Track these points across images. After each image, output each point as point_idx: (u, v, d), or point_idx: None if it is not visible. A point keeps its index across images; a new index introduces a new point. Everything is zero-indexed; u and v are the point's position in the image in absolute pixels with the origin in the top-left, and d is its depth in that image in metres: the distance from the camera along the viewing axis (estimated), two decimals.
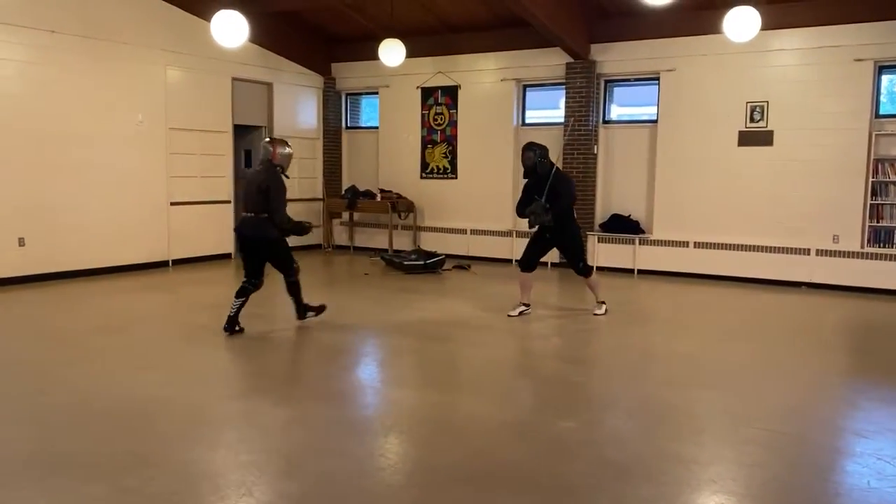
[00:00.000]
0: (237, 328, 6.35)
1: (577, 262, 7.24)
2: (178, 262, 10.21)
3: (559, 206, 6.92)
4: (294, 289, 6.63)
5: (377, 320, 7.19)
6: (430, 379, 5.35)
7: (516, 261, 7.54)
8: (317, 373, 5.37)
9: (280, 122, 11.76)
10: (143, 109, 9.71)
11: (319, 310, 6.87)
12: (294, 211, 11.93)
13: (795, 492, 3.44)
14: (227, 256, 10.96)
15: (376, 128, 12.31)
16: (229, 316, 6.32)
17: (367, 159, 12.47)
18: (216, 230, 10.79)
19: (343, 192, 12.32)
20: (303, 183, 12.30)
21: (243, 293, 6.36)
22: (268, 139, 6.77)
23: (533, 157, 7.05)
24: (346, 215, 12.43)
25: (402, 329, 6.82)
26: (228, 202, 10.96)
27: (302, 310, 6.73)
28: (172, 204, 10.14)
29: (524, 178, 7.28)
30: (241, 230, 6.47)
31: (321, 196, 12.49)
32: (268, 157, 6.46)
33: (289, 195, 12.18)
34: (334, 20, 11.44)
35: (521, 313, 7.23)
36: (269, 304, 8.24)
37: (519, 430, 4.20)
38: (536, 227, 7.07)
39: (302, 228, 6.68)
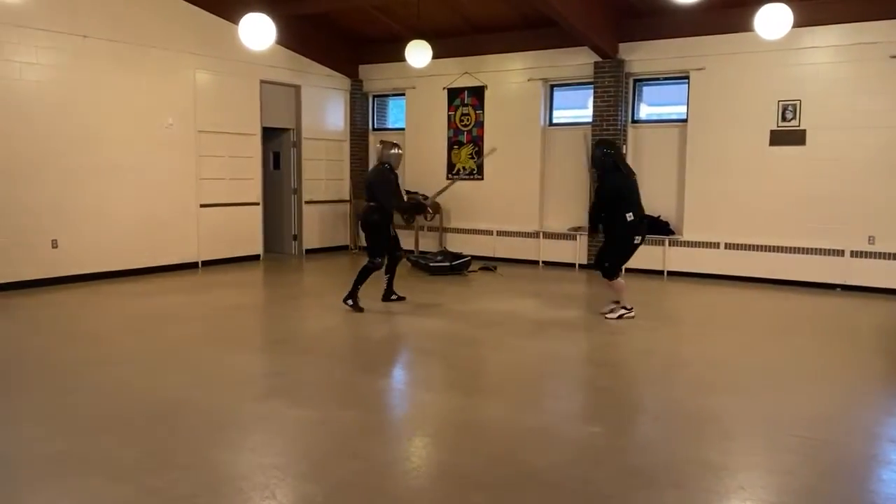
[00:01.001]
0: (394, 297, 7.80)
1: (601, 262, 7.21)
2: (208, 264, 10.32)
3: (595, 204, 7.21)
4: (362, 275, 7.38)
5: (402, 322, 7.18)
6: (454, 382, 5.32)
7: (591, 264, 7.69)
8: (340, 375, 5.37)
9: (308, 124, 11.83)
10: (173, 112, 9.83)
11: (358, 308, 7.34)
12: (321, 212, 12.12)
13: (828, 500, 3.35)
14: (255, 258, 11.04)
15: (403, 129, 12.32)
16: (384, 291, 7.78)
17: None
18: (245, 232, 10.89)
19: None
20: (330, 185, 12.36)
21: (388, 270, 7.68)
22: (380, 141, 7.88)
23: (598, 154, 7.19)
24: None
25: (428, 331, 6.80)
26: (257, 204, 11.05)
27: (352, 297, 7.39)
28: (202, 206, 10.24)
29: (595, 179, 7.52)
30: (358, 214, 8.02)
31: (348, 198, 12.53)
32: (378, 157, 7.63)
33: (315, 196, 12.40)
34: (361, 22, 11.47)
35: (621, 316, 7.13)
36: (293, 306, 8.29)
37: (544, 434, 4.15)
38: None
39: (414, 207, 7.98)
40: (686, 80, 9.81)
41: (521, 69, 10.95)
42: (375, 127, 12.86)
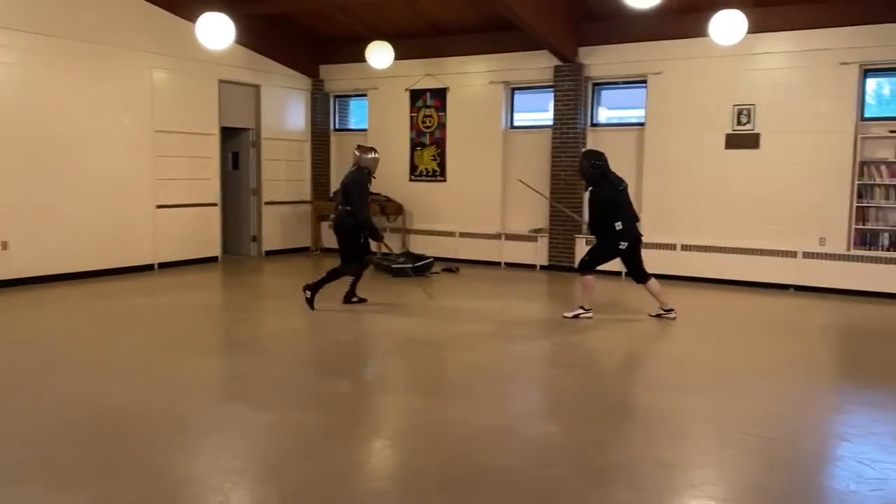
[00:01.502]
0: (355, 299, 7.72)
1: (582, 258, 7.51)
2: (164, 266, 10.16)
3: (591, 215, 7.34)
4: (331, 275, 7.41)
5: (363, 324, 7.17)
6: (415, 383, 5.33)
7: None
8: (300, 378, 5.34)
9: (268, 124, 11.73)
10: (129, 112, 9.66)
11: (311, 305, 7.40)
12: (281, 213, 12.03)
13: (776, 496, 3.44)
14: (213, 260, 10.91)
15: (365, 130, 12.29)
16: (346, 292, 7.69)
17: None
18: (203, 233, 10.75)
19: (331, 195, 12.28)
20: (290, 186, 12.27)
21: (354, 274, 7.62)
22: (358, 146, 7.80)
23: (585, 166, 7.21)
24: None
25: (389, 333, 6.80)
26: (215, 205, 10.91)
27: (312, 290, 7.39)
28: (158, 207, 10.08)
29: (586, 189, 7.68)
30: (333, 219, 7.75)
31: (309, 198, 12.45)
32: (356, 161, 7.56)
33: (275, 197, 12.30)
34: (322, 22, 11.42)
35: (659, 315, 7.35)
36: (253, 308, 8.22)
37: (503, 434, 4.18)
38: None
39: (374, 232, 7.55)
40: (644, 84, 9.96)
41: (483, 72, 11.01)
42: (337, 127, 12.81)
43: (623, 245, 7.14)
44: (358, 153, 7.58)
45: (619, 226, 7.05)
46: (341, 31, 11.57)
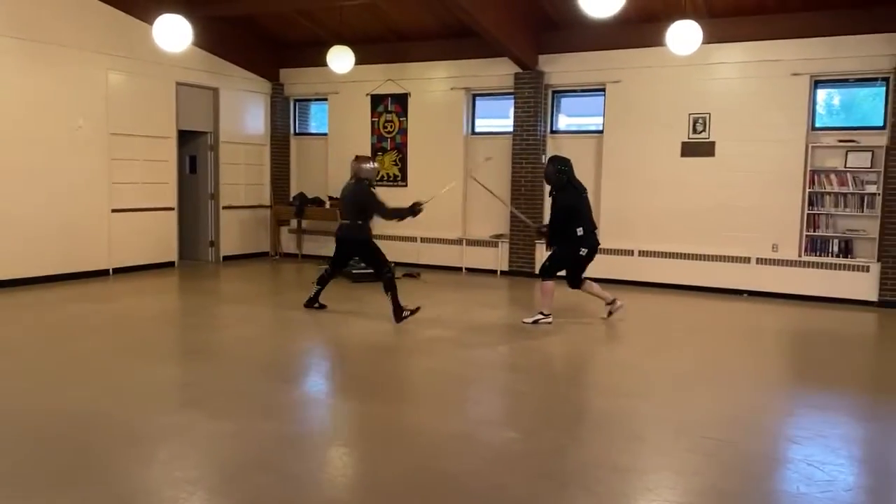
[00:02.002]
0: (317, 305, 7.67)
1: (543, 264, 7.51)
2: (119, 271, 9.95)
3: (552, 221, 7.33)
4: (390, 284, 7.17)
5: (323, 330, 7.12)
6: (374, 390, 5.30)
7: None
8: (258, 385, 5.27)
9: (226, 127, 11.59)
10: (83, 114, 9.45)
11: (415, 311, 7.27)
12: (239, 218, 11.88)
13: (729, 499, 3.50)
14: (170, 265, 10.73)
15: (325, 134, 12.22)
16: (310, 297, 7.67)
17: (316, 166, 12.36)
18: (159, 238, 10.56)
19: (291, 199, 12.19)
20: (250, 190, 12.13)
21: (323, 281, 7.60)
22: (355, 157, 7.61)
23: (551, 170, 7.28)
24: (294, 223, 12.30)
25: (348, 339, 6.76)
26: (172, 209, 10.73)
27: (399, 311, 7.17)
28: (114, 211, 9.88)
29: (550, 194, 7.58)
30: (340, 234, 7.47)
31: (269, 203, 12.33)
32: (355, 172, 7.36)
33: (234, 202, 12.17)
34: (283, 26, 11.34)
35: (610, 314, 7.55)
36: (210, 315, 8.10)
37: (463, 441, 4.18)
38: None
39: (409, 212, 7.38)
40: (602, 93, 10.09)
41: (445, 78, 11.04)
42: (297, 131, 12.71)
43: (583, 251, 7.22)
44: (357, 164, 7.37)
45: (580, 231, 7.14)
46: (302, 36, 11.50)
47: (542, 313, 7.30)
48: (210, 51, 11.03)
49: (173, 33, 7.90)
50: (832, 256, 8.93)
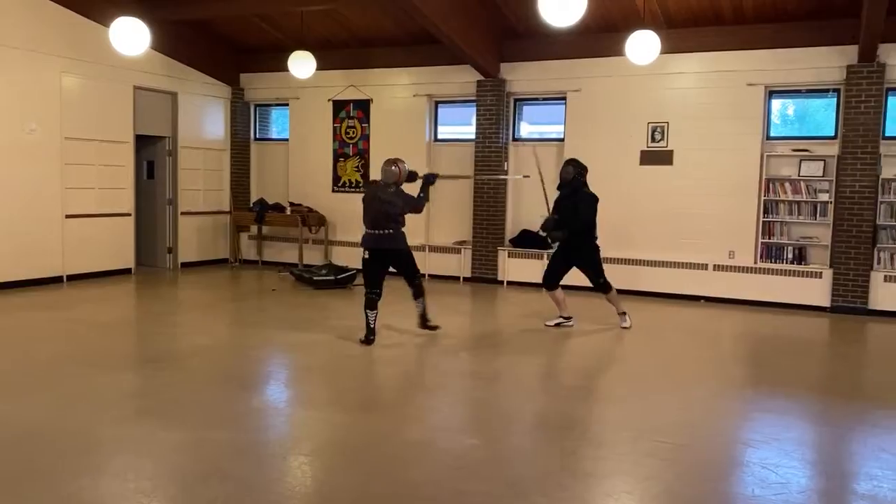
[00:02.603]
0: (372, 338, 6.69)
1: (596, 279, 7.54)
2: (74, 278, 9.72)
3: (575, 224, 7.29)
4: (421, 289, 6.99)
5: (282, 339, 7.03)
6: (335, 398, 5.25)
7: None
8: (215, 394, 5.19)
9: (185, 132, 11.42)
10: (36, 117, 9.23)
11: (435, 328, 7.09)
12: (198, 224, 11.70)
13: (686, 502, 3.54)
14: (126, 272, 10.51)
15: (286, 140, 12.13)
16: (370, 327, 6.65)
17: (276, 172, 12.25)
18: (115, 244, 10.35)
19: (251, 205, 12.05)
20: (208, 195, 11.96)
21: (373, 305, 6.71)
22: (389, 160, 6.85)
23: (572, 172, 7.46)
24: (254, 229, 12.16)
25: (309, 347, 6.69)
26: (129, 215, 10.53)
27: (424, 319, 7.04)
28: (68, 217, 9.66)
29: (558, 189, 7.66)
30: (378, 246, 6.73)
31: (228, 209, 12.17)
32: (393, 178, 6.71)
33: (193, 207, 11.99)
34: (243, 30, 11.23)
35: (558, 325, 7.61)
36: (167, 323, 7.95)
37: (424, 449, 4.17)
38: (557, 243, 7.63)
39: (427, 180, 6.96)
40: (563, 101, 10.19)
41: (407, 84, 11.04)
42: (257, 136, 12.59)
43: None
44: (397, 169, 6.70)
45: (597, 235, 7.49)
46: (263, 40, 11.40)
47: (623, 313, 7.66)
48: (169, 54, 10.87)
49: (130, 36, 7.77)
50: (786, 263, 9.13)
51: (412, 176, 6.90)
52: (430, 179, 6.97)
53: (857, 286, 8.72)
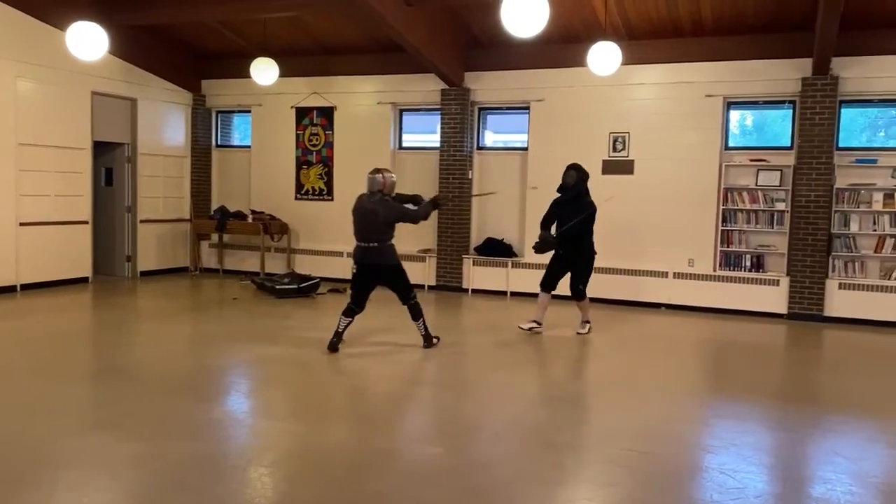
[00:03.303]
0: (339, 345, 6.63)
1: (575, 285, 7.61)
2: (29, 287, 9.48)
3: (573, 228, 7.35)
4: (417, 310, 6.79)
5: (244, 347, 6.93)
6: (296, 409, 5.20)
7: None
8: (174, 405, 5.09)
9: (145, 139, 11.23)
10: None
11: (433, 341, 6.94)
12: (158, 232, 11.51)
13: None
14: (84, 281, 10.29)
15: (249, 147, 12.01)
16: (338, 332, 6.60)
17: (238, 179, 12.12)
18: (72, 253, 10.12)
19: (212, 213, 11.90)
20: (169, 203, 11.77)
21: (351, 313, 6.65)
22: (375, 170, 6.75)
23: (574, 177, 7.53)
24: (215, 237, 12.00)
25: (270, 357, 6.61)
26: (86, 223, 10.32)
27: (429, 338, 6.87)
28: (22, 224, 9.42)
29: (558, 191, 7.71)
30: (366, 259, 6.61)
31: (188, 217, 12.00)
32: (378, 186, 6.57)
33: (152, 215, 11.79)
34: (205, 36, 11.11)
35: (531, 329, 7.59)
36: (125, 333, 7.81)
37: (385, 458, 4.14)
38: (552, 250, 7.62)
39: (432, 207, 6.94)
40: (527, 110, 10.27)
41: (371, 92, 11.02)
42: (219, 143, 12.45)
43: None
44: (381, 178, 6.58)
45: (594, 240, 7.61)
46: (225, 47, 11.29)
47: (587, 322, 7.75)
48: (128, 60, 10.70)
49: (88, 41, 7.62)
50: (745, 271, 9.30)
51: (437, 204, 7.02)
52: (436, 204, 7.02)
53: (813, 293, 8.92)
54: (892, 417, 5.27)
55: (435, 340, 6.94)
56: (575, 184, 7.52)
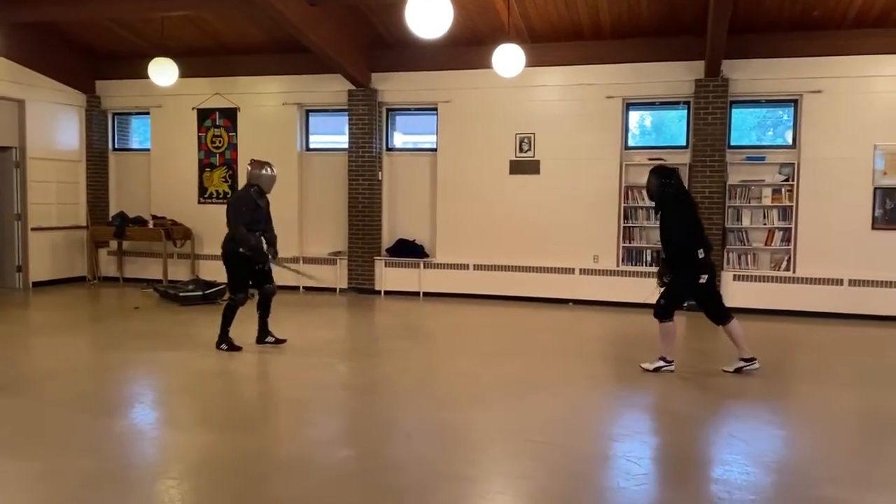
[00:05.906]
0: (270, 339, 6.93)
1: (657, 302, 6.25)
2: None
3: (670, 247, 6.06)
4: (226, 314, 6.71)
5: (146, 357, 6.68)
6: (204, 418, 5.04)
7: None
8: (72, 420, 4.85)
9: (34, 142, 10.66)
10: None
11: (235, 348, 6.74)
12: (51, 240, 10.94)
13: (556, 498, 3.66)
14: None
15: (148, 150, 11.58)
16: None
17: (138, 183, 11.67)
18: None
19: (110, 219, 11.41)
20: (62, 210, 11.22)
21: (260, 305, 6.82)
22: (250, 161, 6.91)
23: (655, 183, 6.19)
24: (114, 244, 11.51)
25: (176, 366, 6.40)
26: None
27: (226, 342, 6.73)
28: None
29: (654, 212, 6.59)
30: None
31: (85, 223, 11.45)
32: (250, 178, 6.71)
33: (45, 223, 11.19)
34: (98, 35, 10.64)
35: (742, 369, 6.17)
36: (14, 346, 7.39)
37: (296, 464, 4.08)
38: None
39: (255, 252, 6.67)
40: (435, 112, 10.33)
41: (276, 93, 10.83)
42: (116, 147, 11.95)
43: (703, 278, 6.05)
44: (250, 168, 6.77)
45: (700, 254, 5.98)
46: (121, 46, 10.85)
47: (663, 359, 6.21)
48: (14, 59, 10.14)
49: None
50: (645, 265, 9.66)
51: (270, 256, 6.88)
52: (259, 256, 6.74)
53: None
54: (783, 401, 5.60)
55: (224, 346, 6.70)
56: (656, 193, 6.18)
